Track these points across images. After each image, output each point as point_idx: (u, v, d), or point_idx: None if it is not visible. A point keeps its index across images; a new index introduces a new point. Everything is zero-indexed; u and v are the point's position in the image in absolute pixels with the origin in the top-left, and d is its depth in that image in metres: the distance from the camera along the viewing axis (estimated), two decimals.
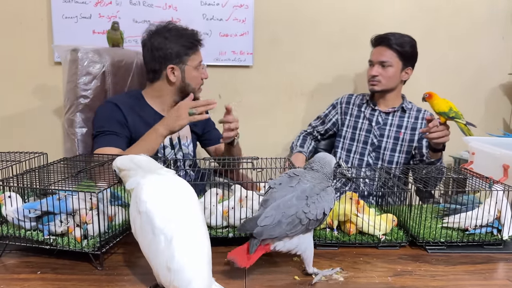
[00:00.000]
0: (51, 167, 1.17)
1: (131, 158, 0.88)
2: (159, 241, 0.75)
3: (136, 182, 0.85)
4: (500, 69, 2.63)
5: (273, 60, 2.52)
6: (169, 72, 1.63)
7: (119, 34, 1.94)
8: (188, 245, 0.77)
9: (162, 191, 0.83)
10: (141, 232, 0.79)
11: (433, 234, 1.09)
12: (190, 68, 1.65)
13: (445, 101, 1.55)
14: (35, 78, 2.38)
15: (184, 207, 0.83)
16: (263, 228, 0.85)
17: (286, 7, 2.47)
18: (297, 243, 0.90)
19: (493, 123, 2.68)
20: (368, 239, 1.09)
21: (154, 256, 0.76)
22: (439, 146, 1.67)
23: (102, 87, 1.76)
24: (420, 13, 2.52)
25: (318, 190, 0.90)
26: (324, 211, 0.90)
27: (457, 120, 1.52)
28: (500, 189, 1.08)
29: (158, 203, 0.80)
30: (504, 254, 1.08)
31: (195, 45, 1.66)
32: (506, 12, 2.58)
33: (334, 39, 2.52)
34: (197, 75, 1.68)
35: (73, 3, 2.31)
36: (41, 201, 0.97)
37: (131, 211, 0.83)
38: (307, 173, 0.95)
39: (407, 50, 1.93)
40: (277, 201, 0.88)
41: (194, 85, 1.68)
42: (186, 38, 1.64)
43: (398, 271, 0.97)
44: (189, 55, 1.64)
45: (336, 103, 2.15)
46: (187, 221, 0.80)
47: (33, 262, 0.97)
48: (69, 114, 1.74)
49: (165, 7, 2.38)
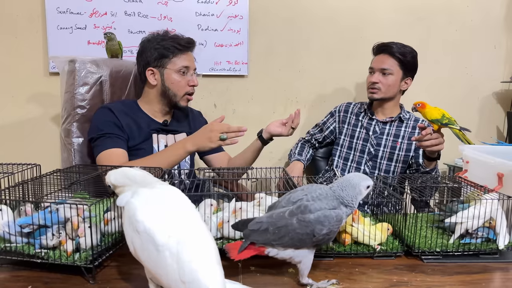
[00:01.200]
0: (44, 179, 1.16)
1: (125, 173, 0.84)
2: (164, 258, 0.73)
3: (126, 199, 0.82)
4: (492, 78, 2.66)
5: (268, 70, 2.53)
6: (149, 75, 1.65)
7: (117, 44, 1.95)
8: (195, 254, 0.75)
9: (156, 206, 0.80)
10: (143, 252, 0.77)
11: (428, 243, 1.09)
12: (170, 71, 1.64)
13: (437, 109, 1.55)
14: (30, 89, 2.38)
15: (182, 216, 0.81)
16: (251, 232, 0.89)
17: (281, 17, 2.49)
18: (291, 255, 0.90)
19: (487, 131, 2.70)
20: (364, 249, 1.08)
21: (165, 273, 0.74)
22: (433, 154, 1.67)
23: (99, 97, 1.78)
24: (413, 23, 2.55)
25: (314, 209, 0.88)
26: (314, 232, 0.87)
27: (451, 126, 1.52)
28: (495, 197, 1.08)
29: (155, 219, 0.77)
30: (500, 263, 1.07)
31: (178, 49, 1.64)
32: (498, 21, 2.62)
33: (328, 49, 2.54)
34: (178, 79, 1.65)
35: (68, 14, 2.32)
36: (33, 215, 0.96)
37: (127, 231, 0.80)
38: (319, 190, 0.92)
39: (408, 59, 1.94)
40: (275, 210, 0.91)
41: (175, 90, 1.66)
42: (168, 41, 1.64)
43: (394, 282, 0.96)
44: (169, 57, 1.64)
45: (334, 111, 2.15)
46: (189, 230, 0.78)
47: (24, 276, 0.95)
48: (66, 124, 1.76)
49: (160, 17, 2.39)
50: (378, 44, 2.01)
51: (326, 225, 0.87)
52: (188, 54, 1.68)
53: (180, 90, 1.67)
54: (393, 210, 1.16)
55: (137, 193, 0.82)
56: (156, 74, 1.66)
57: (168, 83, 1.65)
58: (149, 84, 1.69)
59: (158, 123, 1.71)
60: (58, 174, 1.20)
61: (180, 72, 1.65)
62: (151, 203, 0.80)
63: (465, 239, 1.10)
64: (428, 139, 1.56)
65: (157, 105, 1.71)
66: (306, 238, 0.88)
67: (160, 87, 1.67)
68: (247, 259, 0.93)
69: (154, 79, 1.66)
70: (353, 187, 0.91)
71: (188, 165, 1.78)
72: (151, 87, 1.69)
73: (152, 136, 1.68)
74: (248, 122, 2.54)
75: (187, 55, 1.68)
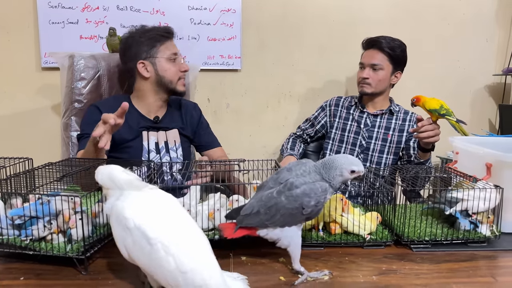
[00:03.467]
0: (36, 172, 1.16)
1: (110, 177, 0.82)
2: (157, 250, 0.73)
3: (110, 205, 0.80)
4: (484, 71, 2.68)
5: (261, 64, 2.53)
6: (141, 68, 1.66)
7: (117, 39, 1.96)
8: (189, 245, 0.76)
9: (144, 204, 0.80)
10: (135, 248, 0.76)
11: (417, 233, 1.10)
12: (161, 59, 1.65)
13: (435, 99, 1.56)
14: (23, 84, 2.37)
15: (171, 213, 0.81)
16: (244, 217, 0.93)
17: (274, 11, 2.49)
18: (280, 235, 0.94)
19: (479, 123, 2.72)
20: (354, 239, 1.09)
21: (159, 267, 0.74)
22: (428, 146, 1.68)
23: (97, 92, 1.81)
24: (405, 16, 2.56)
25: (299, 183, 0.91)
26: (302, 204, 0.90)
27: (448, 117, 1.53)
28: (488, 186, 1.10)
29: (145, 215, 0.77)
30: (487, 252, 1.09)
31: (163, 36, 1.66)
32: (490, 15, 2.63)
33: (321, 43, 2.55)
34: (170, 66, 1.66)
35: (60, 8, 2.30)
36: (25, 206, 0.97)
37: (117, 234, 0.79)
38: (304, 167, 0.95)
39: (397, 53, 1.95)
40: (263, 193, 0.94)
41: (169, 77, 1.66)
42: (151, 32, 1.67)
43: (383, 270, 0.98)
44: (157, 47, 1.65)
45: (325, 105, 2.16)
46: (178, 223, 0.79)
47: (16, 268, 0.96)
48: (64, 118, 1.81)
49: (152, 12, 2.38)
50: (368, 39, 2.01)
51: (313, 197, 0.91)
52: (171, 42, 1.70)
53: (174, 76, 1.67)
54: (386, 201, 1.18)
55: (123, 195, 0.80)
56: (148, 66, 1.66)
57: (162, 71, 1.66)
58: (141, 78, 1.68)
59: (148, 120, 1.69)
60: (50, 167, 1.20)
61: (171, 59, 1.67)
62: (139, 202, 0.79)
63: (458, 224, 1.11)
64: (425, 130, 1.57)
65: (152, 98, 1.69)
66: (296, 212, 0.91)
67: (154, 78, 1.67)
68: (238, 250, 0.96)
69: (146, 71, 1.66)
70: (335, 168, 0.93)
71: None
72: (144, 80, 1.68)
73: (142, 133, 1.66)
74: (241, 116, 2.55)
75: (171, 43, 1.70)
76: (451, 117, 1.53)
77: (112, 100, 1.69)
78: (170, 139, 1.72)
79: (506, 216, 1.14)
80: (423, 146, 1.68)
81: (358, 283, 0.92)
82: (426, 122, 1.57)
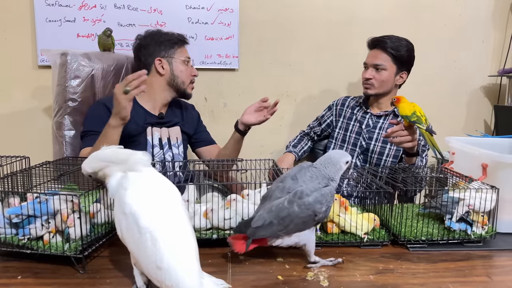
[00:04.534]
0: (33, 171, 1.16)
1: (95, 157, 0.86)
2: (145, 240, 0.75)
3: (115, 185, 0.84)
4: (480, 72, 2.69)
5: (259, 63, 2.53)
6: (157, 64, 1.73)
7: (110, 40, 1.98)
8: (175, 242, 0.77)
9: (145, 191, 0.83)
10: (128, 233, 0.79)
11: (414, 232, 1.11)
12: (177, 60, 1.74)
13: (411, 105, 1.51)
14: (20, 82, 2.36)
15: (168, 206, 0.83)
16: (255, 230, 0.92)
17: (271, 11, 2.49)
18: (296, 240, 0.96)
19: (474, 124, 2.74)
20: (351, 239, 1.10)
21: (143, 256, 0.76)
22: (412, 150, 1.65)
23: (91, 90, 1.80)
24: (402, 17, 2.57)
25: (309, 191, 0.93)
26: (315, 211, 0.92)
27: (418, 125, 1.50)
28: (484, 187, 1.11)
29: (142, 203, 0.80)
30: (483, 251, 1.10)
31: (181, 41, 1.77)
32: (486, 16, 2.65)
33: (319, 42, 2.55)
34: (184, 69, 1.76)
35: (57, 6, 2.29)
36: (22, 205, 0.96)
37: (116, 214, 0.83)
38: (308, 172, 0.97)
39: (402, 54, 1.91)
40: (271, 203, 0.95)
41: (183, 78, 1.75)
42: (169, 35, 1.77)
43: (380, 270, 0.99)
44: (175, 48, 1.75)
45: (332, 104, 2.16)
46: (172, 219, 0.81)
47: (14, 267, 0.96)
48: (57, 117, 1.77)
49: (150, 10, 2.37)
50: (372, 39, 1.98)
51: (324, 203, 0.93)
52: (186, 48, 1.80)
53: (187, 78, 1.77)
54: (384, 201, 1.18)
55: (126, 177, 0.83)
56: (164, 64, 1.73)
57: (177, 71, 1.74)
58: (155, 74, 1.74)
59: (154, 116, 1.74)
60: (47, 166, 1.20)
61: (185, 62, 1.76)
62: (140, 188, 0.83)
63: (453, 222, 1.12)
64: (397, 135, 1.52)
65: (159, 95, 1.75)
66: (309, 219, 0.93)
67: (168, 76, 1.74)
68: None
69: (162, 68, 1.73)
70: (334, 164, 0.98)
71: (182, 158, 1.78)
72: (158, 77, 1.74)
73: (147, 129, 1.71)
74: (239, 115, 2.54)
75: (186, 49, 1.80)
76: (421, 125, 1.48)
77: None
78: (173, 136, 1.77)
79: (501, 216, 1.15)
80: (407, 150, 1.66)
81: (355, 282, 0.93)
82: (397, 128, 1.52)
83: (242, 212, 1.09)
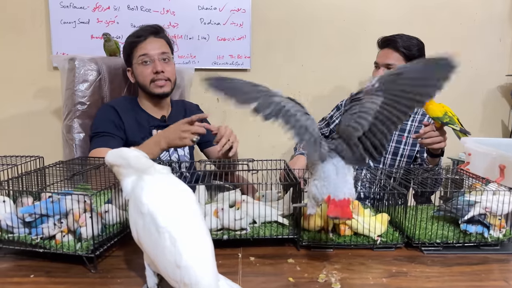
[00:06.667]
0: (46, 170, 1.17)
1: (119, 153, 0.87)
2: (164, 239, 0.75)
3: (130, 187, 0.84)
4: (497, 71, 2.63)
5: (271, 64, 2.52)
6: (129, 75, 1.75)
7: (113, 44, 2.01)
8: (193, 242, 0.77)
9: (161, 192, 0.83)
10: (144, 233, 0.79)
11: (429, 235, 1.09)
12: (135, 65, 1.70)
13: (440, 106, 1.50)
14: (34, 83, 2.40)
15: (184, 206, 0.82)
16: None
17: (283, 11, 2.48)
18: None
19: (491, 125, 2.68)
20: (364, 241, 1.08)
21: (162, 255, 0.76)
22: (437, 151, 1.64)
23: (99, 94, 1.83)
24: (417, 16, 2.53)
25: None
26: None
27: (451, 125, 1.49)
28: (500, 189, 1.08)
29: (159, 203, 0.80)
30: (500, 255, 1.07)
31: (134, 41, 1.66)
32: (503, 14, 2.59)
33: (331, 42, 2.53)
34: (142, 70, 1.66)
35: (72, 8, 2.32)
36: (35, 204, 0.97)
37: (131, 214, 0.82)
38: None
39: (414, 53, 1.88)
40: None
41: (141, 81, 1.68)
42: (128, 38, 1.70)
43: (393, 272, 0.97)
44: (132, 54, 1.69)
45: (340, 104, 2.14)
46: (189, 219, 0.80)
47: (27, 266, 0.97)
48: (67, 120, 1.82)
49: (163, 11, 2.39)
50: (383, 38, 1.97)
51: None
52: (148, 42, 1.65)
53: (145, 79, 1.66)
54: (398, 203, 1.16)
55: (142, 179, 0.83)
56: (132, 72, 1.73)
57: (136, 76, 1.71)
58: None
59: (156, 120, 1.74)
60: (60, 165, 1.21)
61: (142, 62, 1.65)
62: (156, 189, 0.82)
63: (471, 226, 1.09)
64: (428, 137, 1.52)
65: (147, 101, 1.74)
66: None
67: (137, 83, 1.73)
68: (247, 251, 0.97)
69: (132, 78, 1.74)
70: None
71: (188, 159, 1.79)
72: (135, 85, 1.76)
73: (152, 132, 1.71)
74: (250, 115, 2.54)
75: (146, 43, 1.65)
76: (455, 125, 1.47)
77: (123, 100, 1.75)
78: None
79: None
80: (431, 151, 1.64)
81: (367, 285, 0.91)
82: (429, 128, 1.51)
83: (253, 213, 1.09)
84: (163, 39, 1.71)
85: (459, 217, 1.12)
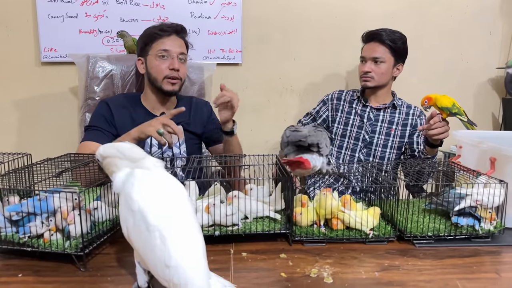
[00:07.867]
0: (34, 168, 1.15)
1: (113, 145, 0.86)
2: (154, 238, 0.74)
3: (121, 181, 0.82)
4: (488, 64, 2.64)
5: (262, 58, 2.51)
6: (139, 64, 1.74)
7: (130, 40, 2.08)
8: (184, 241, 0.75)
9: (152, 189, 0.81)
10: (134, 231, 0.77)
11: (420, 228, 1.09)
12: (151, 57, 1.68)
13: (447, 97, 1.53)
14: (23, 79, 2.36)
15: (175, 204, 0.81)
16: None
17: (275, 5, 2.46)
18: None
19: (482, 117, 2.70)
20: (356, 235, 1.08)
21: (151, 253, 0.75)
22: (437, 142, 1.66)
23: (110, 90, 1.96)
24: (408, 10, 2.53)
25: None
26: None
27: (459, 116, 1.51)
28: (491, 181, 1.08)
29: (150, 201, 0.78)
30: (491, 247, 1.08)
31: (157, 34, 1.66)
32: (494, 7, 2.59)
33: (323, 36, 2.52)
34: (158, 63, 1.65)
35: (59, 2, 2.28)
36: (22, 203, 0.95)
37: (122, 211, 0.81)
38: None
39: (399, 46, 1.92)
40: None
41: (155, 74, 1.66)
42: (151, 29, 1.70)
43: (386, 266, 0.97)
44: (150, 45, 1.68)
45: (326, 99, 2.13)
46: (180, 217, 0.79)
47: (15, 265, 0.95)
48: (81, 114, 1.96)
49: (152, 5, 2.36)
50: (368, 32, 1.99)
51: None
52: (170, 39, 1.67)
53: (159, 73, 1.65)
54: (391, 196, 1.16)
55: (133, 175, 0.81)
56: (143, 62, 1.72)
57: (149, 68, 1.69)
58: (142, 75, 1.75)
59: (154, 116, 1.68)
60: (48, 162, 1.19)
61: (160, 56, 1.65)
62: (147, 185, 0.81)
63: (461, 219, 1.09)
64: (436, 127, 1.54)
65: (152, 95, 1.73)
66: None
67: (146, 75, 1.72)
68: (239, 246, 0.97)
69: (142, 68, 1.73)
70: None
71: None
72: (143, 77, 1.74)
73: None
74: (243, 110, 2.52)
75: (168, 40, 1.67)
76: (462, 116, 1.51)
77: (122, 97, 1.77)
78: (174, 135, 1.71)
79: (510, 211, 1.13)
80: (432, 142, 1.66)
81: (360, 279, 0.91)
82: (437, 118, 1.53)
83: (245, 208, 1.08)
84: (183, 40, 1.73)
85: (450, 210, 1.12)
